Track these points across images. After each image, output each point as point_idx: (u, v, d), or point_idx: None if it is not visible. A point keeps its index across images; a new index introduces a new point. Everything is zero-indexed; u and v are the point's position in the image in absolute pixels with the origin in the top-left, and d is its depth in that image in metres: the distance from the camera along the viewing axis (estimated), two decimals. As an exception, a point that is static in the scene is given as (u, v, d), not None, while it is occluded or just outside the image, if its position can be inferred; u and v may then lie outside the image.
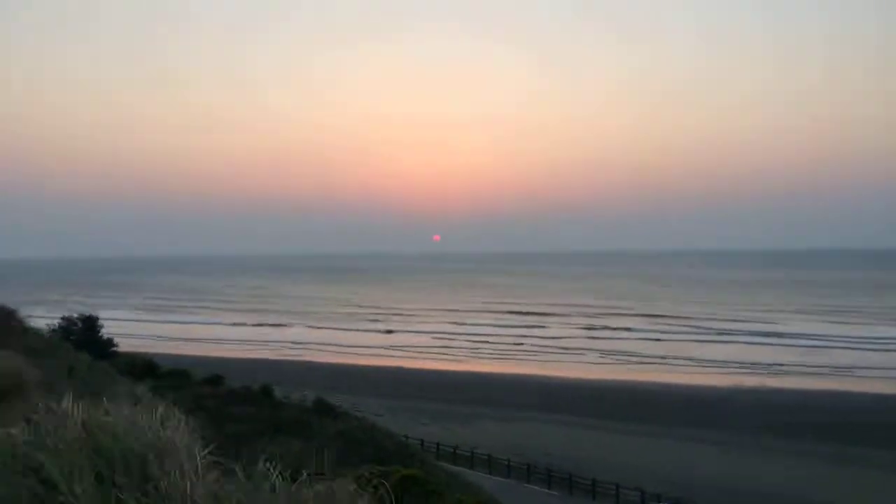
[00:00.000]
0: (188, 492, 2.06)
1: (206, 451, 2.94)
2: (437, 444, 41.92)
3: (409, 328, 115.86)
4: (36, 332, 20.37)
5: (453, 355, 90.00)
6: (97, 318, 38.49)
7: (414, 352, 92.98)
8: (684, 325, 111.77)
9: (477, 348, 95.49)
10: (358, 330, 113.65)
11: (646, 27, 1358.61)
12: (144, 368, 32.99)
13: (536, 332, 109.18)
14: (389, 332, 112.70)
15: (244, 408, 29.09)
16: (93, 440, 2.21)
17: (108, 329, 39.62)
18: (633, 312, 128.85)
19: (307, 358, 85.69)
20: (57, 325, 35.79)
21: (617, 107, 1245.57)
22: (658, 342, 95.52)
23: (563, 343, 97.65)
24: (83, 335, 34.92)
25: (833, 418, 50.72)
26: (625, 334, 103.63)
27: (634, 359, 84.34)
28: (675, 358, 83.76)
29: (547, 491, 36.15)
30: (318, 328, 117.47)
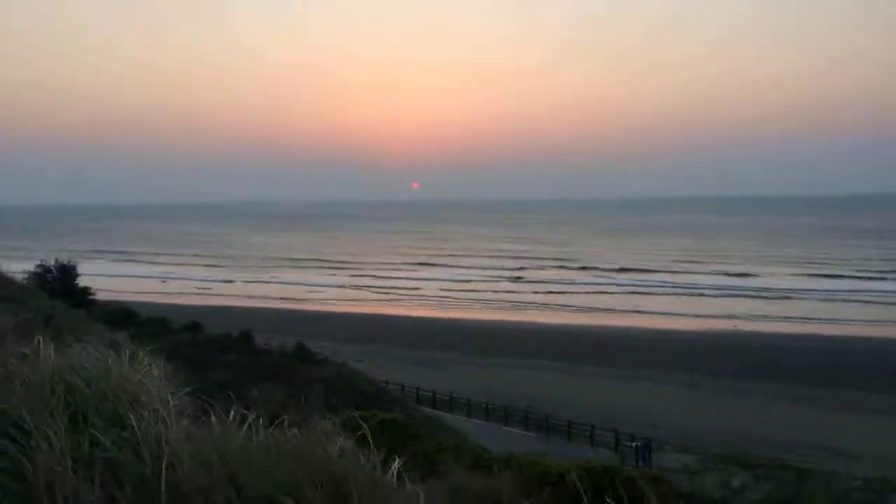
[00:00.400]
0: (162, 435, 2.05)
1: (184, 395, 2.93)
2: (417, 389, 42.51)
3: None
4: (9, 279, 20.13)
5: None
6: (74, 266, 38.02)
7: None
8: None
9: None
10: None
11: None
12: (122, 316, 32.83)
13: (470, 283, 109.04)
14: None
15: (225, 355, 29.20)
16: (65, 383, 2.19)
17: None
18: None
19: (280, 306, 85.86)
20: (32, 272, 35.32)
21: (591, 48, 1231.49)
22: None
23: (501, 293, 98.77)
24: (59, 283, 34.54)
25: (808, 360, 52.13)
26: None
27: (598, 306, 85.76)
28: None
29: (524, 433, 36.96)
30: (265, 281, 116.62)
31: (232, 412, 2.63)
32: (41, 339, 2.82)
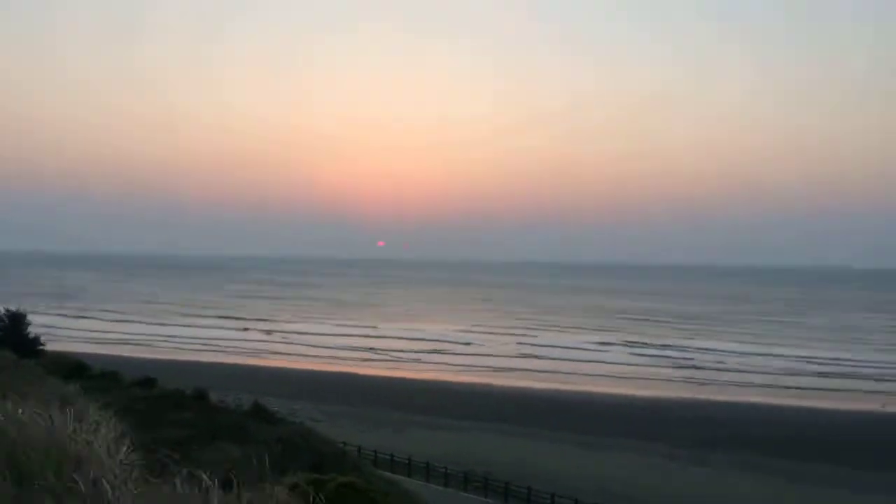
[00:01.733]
0: (108, 498, 1.91)
1: (135, 456, 2.80)
2: (375, 452, 41.61)
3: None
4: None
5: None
6: (24, 315, 37.01)
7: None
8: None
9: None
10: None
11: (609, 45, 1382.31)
12: (73, 368, 31.84)
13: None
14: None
15: (178, 412, 28.30)
16: (6, 444, 2.05)
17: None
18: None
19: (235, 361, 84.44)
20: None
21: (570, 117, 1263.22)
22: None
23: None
24: (9, 332, 33.54)
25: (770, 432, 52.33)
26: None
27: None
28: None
29: (484, 499, 36.22)
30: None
31: (183, 474, 2.50)
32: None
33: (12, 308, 38.10)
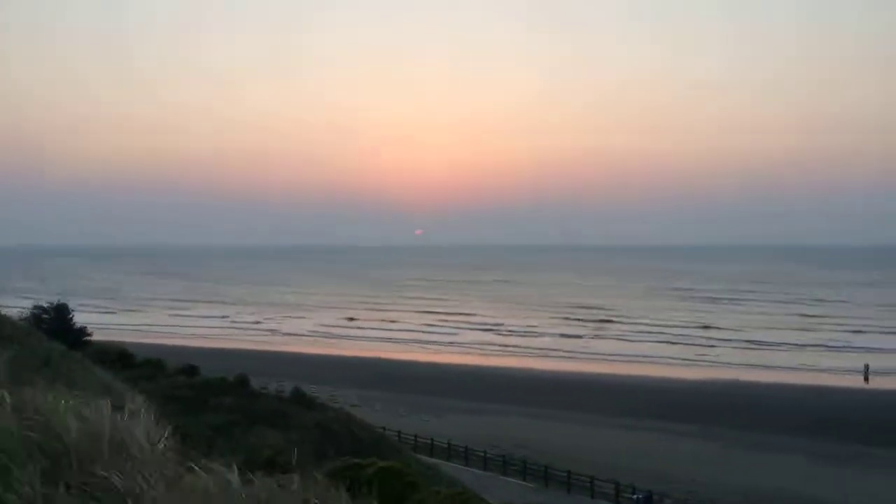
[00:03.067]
0: (147, 485, 1.94)
1: (175, 442, 2.83)
2: (415, 436, 41.89)
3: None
4: (9, 320, 20.00)
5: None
6: (68, 306, 37.90)
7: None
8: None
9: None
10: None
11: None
12: (118, 358, 32.54)
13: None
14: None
15: (220, 398, 28.84)
16: (49, 430, 2.08)
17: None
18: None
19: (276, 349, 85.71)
20: (28, 313, 35.23)
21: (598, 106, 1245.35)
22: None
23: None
24: (55, 324, 34.38)
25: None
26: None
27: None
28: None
29: (523, 483, 36.28)
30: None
31: (225, 459, 2.52)
32: (33, 383, 2.73)
33: (56, 300, 39.06)
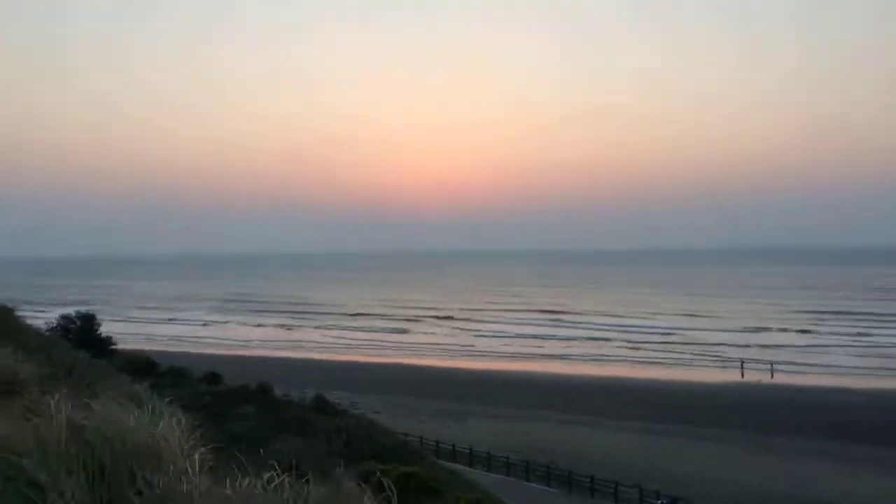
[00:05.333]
0: (184, 492, 1.98)
1: (204, 449, 2.87)
2: (437, 442, 41.84)
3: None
4: (34, 330, 20.26)
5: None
6: (95, 316, 38.41)
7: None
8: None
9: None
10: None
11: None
12: (143, 366, 32.86)
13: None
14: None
15: (244, 406, 29.02)
16: (84, 441, 2.14)
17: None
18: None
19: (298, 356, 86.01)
20: (55, 322, 35.75)
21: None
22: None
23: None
24: (81, 333, 34.84)
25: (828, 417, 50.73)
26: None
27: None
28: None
29: (546, 488, 36.09)
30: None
31: (253, 467, 2.56)
32: (61, 393, 2.78)
33: (83, 310, 39.61)
